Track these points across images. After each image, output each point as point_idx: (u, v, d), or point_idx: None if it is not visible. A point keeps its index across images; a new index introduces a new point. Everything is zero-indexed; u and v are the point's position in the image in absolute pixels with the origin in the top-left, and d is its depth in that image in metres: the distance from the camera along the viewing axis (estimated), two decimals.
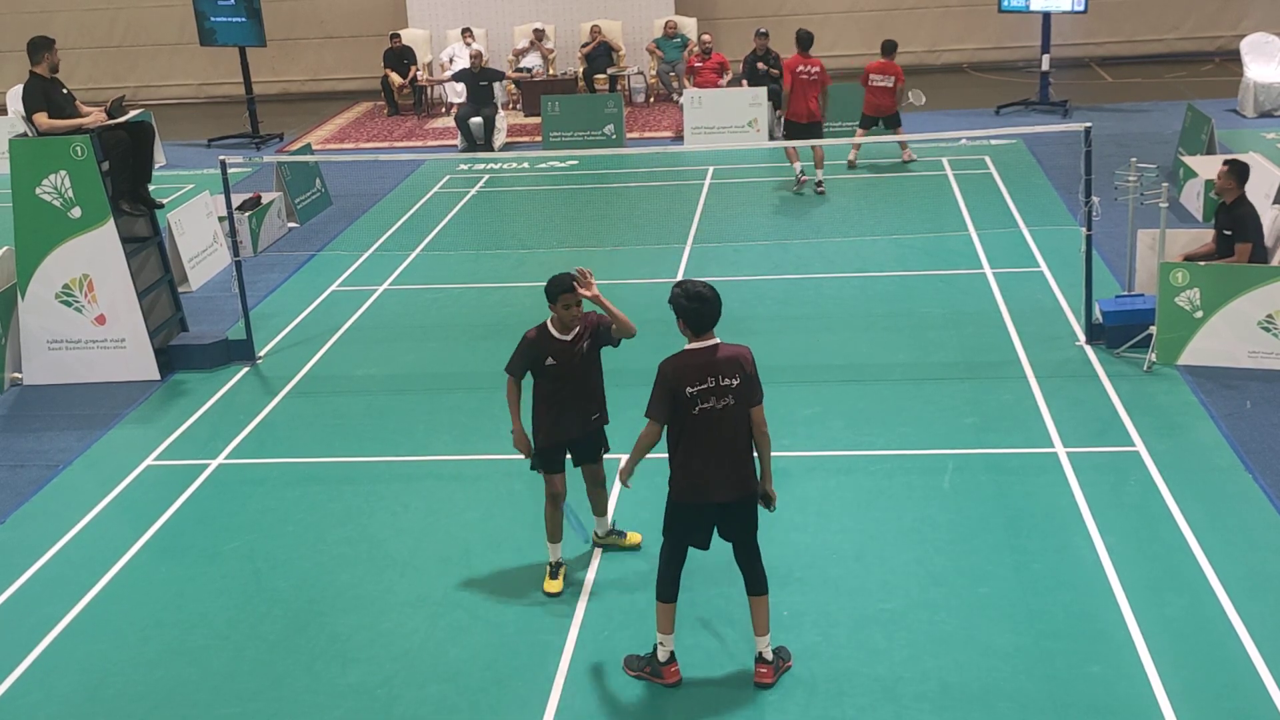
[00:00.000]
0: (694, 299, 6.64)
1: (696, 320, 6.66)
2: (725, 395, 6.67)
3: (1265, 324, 10.49)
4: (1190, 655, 6.99)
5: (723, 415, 6.69)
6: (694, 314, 6.65)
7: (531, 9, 24.76)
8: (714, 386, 6.66)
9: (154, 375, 11.79)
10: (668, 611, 6.96)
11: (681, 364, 6.67)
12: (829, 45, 25.57)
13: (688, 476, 6.80)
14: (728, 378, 6.67)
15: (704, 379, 6.64)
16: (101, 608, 8.14)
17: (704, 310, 6.64)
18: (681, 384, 6.64)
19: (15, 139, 11.58)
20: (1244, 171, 11.14)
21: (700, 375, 6.64)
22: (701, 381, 6.64)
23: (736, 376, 6.70)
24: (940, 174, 17.55)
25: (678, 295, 6.70)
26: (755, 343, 11.75)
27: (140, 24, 26.77)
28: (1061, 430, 9.73)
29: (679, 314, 6.70)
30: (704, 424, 6.68)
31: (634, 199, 17.46)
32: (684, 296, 6.67)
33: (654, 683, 7.01)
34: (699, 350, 6.69)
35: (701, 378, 6.64)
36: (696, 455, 6.75)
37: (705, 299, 6.64)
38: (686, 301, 6.65)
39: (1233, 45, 22.49)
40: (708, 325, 6.69)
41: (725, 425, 6.71)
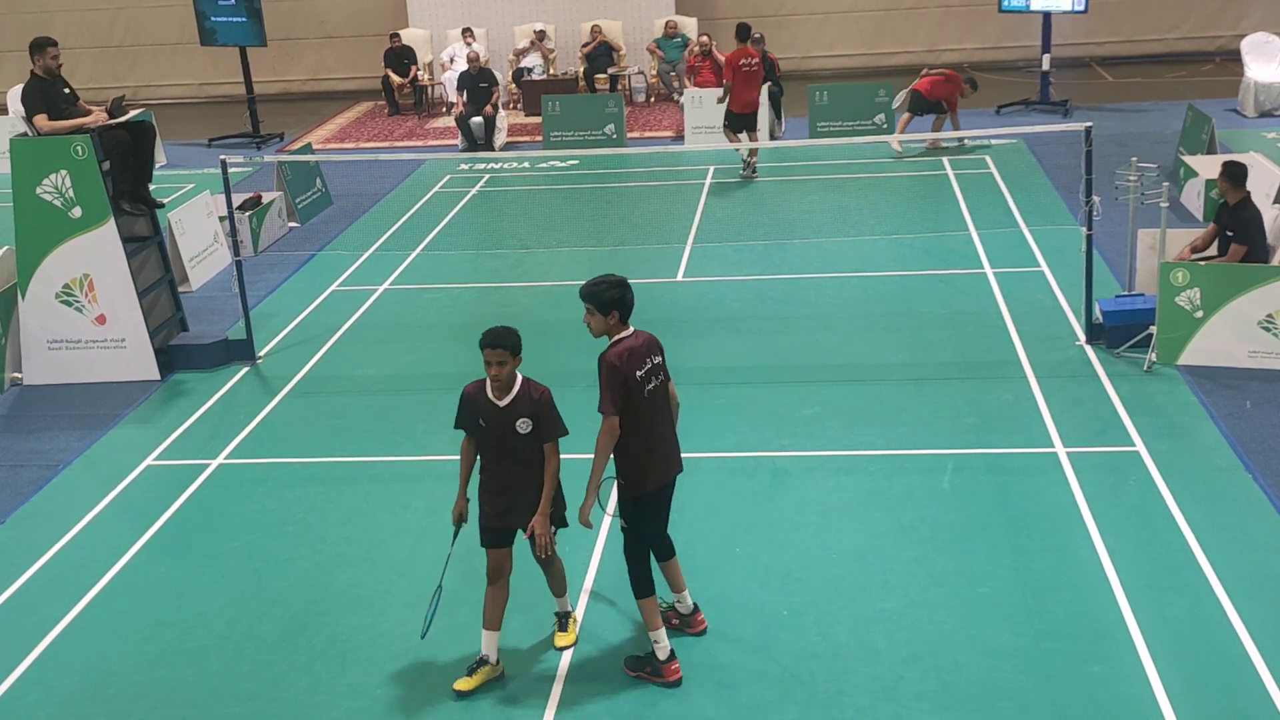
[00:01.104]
0: (621, 287, 6.91)
1: (629, 307, 6.91)
2: (658, 373, 7.00)
3: (1265, 324, 10.48)
4: (1190, 655, 6.99)
5: (660, 393, 7.02)
6: (626, 302, 6.90)
7: (531, 9, 24.76)
8: (652, 366, 6.96)
9: (154, 375, 11.79)
10: (652, 605, 7.05)
11: (624, 352, 6.86)
12: (829, 45, 25.61)
13: (651, 464, 6.98)
14: (657, 356, 7.03)
15: (644, 361, 6.90)
16: (101, 608, 8.14)
17: (631, 296, 6.92)
18: (631, 370, 6.83)
19: (16, 139, 11.58)
20: (1239, 173, 11.14)
21: (641, 359, 6.89)
22: (643, 364, 6.89)
23: (659, 354, 7.06)
24: (940, 174, 17.55)
25: (605, 289, 6.91)
26: (755, 343, 11.92)
27: (140, 24, 26.77)
28: (1061, 430, 9.73)
29: (611, 305, 6.89)
30: (651, 405, 6.93)
31: (634, 199, 17.46)
32: (614, 288, 6.92)
33: (655, 683, 7.02)
34: (631, 336, 6.95)
35: (642, 361, 6.89)
36: (653, 438, 6.98)
37: (628, 286, 6.93)
38: (617, 291, 6.90)
39: (1233, 45, 22.49)
40: (631, 313, 6.94)
41: (664, 403, 7.07)
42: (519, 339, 6.85)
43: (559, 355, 11.76)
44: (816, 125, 19.93)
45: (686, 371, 11.31)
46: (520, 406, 6.85)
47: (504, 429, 6.84)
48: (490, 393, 6.88)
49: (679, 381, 10.97)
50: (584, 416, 10.48)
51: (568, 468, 9.64)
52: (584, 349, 11.97)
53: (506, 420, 6.82)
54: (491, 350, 6.79)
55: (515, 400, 6.86)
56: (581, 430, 10.27)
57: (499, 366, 6.78)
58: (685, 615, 7.45)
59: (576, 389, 11.03)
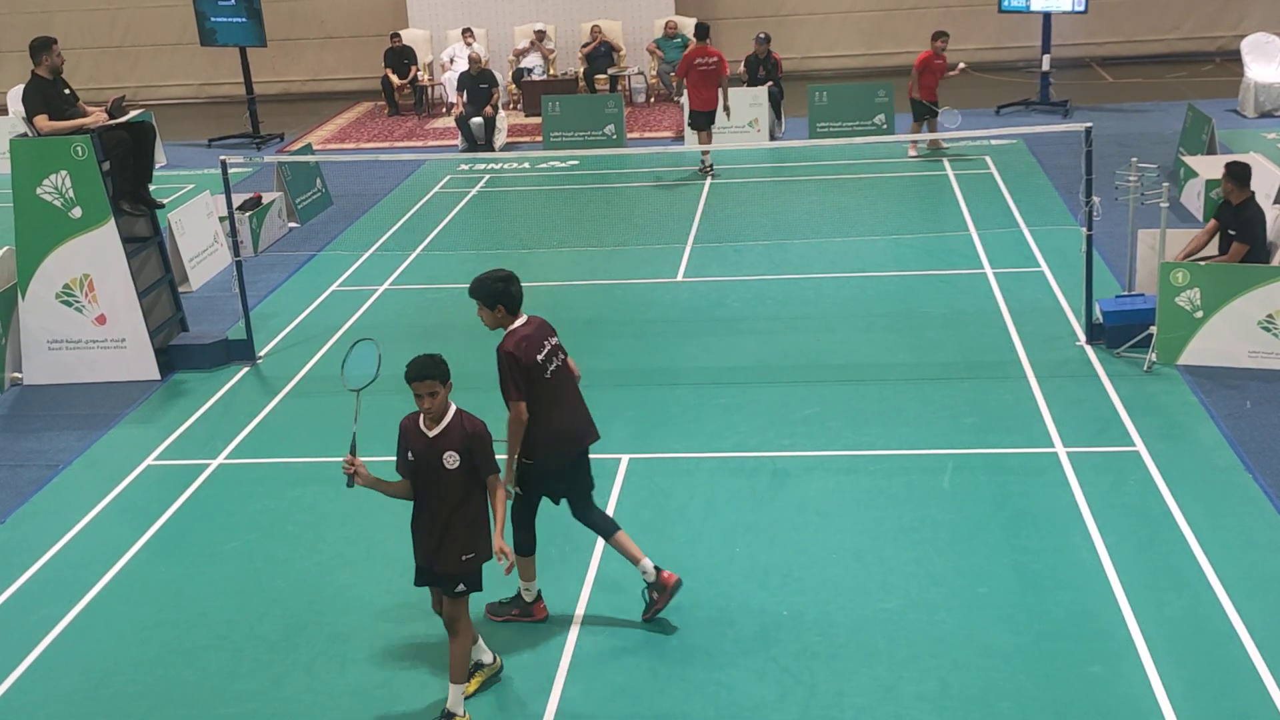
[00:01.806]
0: (505, 281, 7.18)
1: (516, 299, 7.21)
2: (557, 354, 7.38)
3: (1265, 324, 10.48)
4: (1190, 655, 6.99)
5: (562, 372, 7.40)
6: (516, 296, 7.21)
7: (531, 9, 24.76)
8: (550, 349, 7.33)
9: (154, 375, 11.80)
10: (531, 562, 7.59)
11: (520, 341, 7.16)
12: (829, 45, 25.61)
13: (558, 439, 7.32)
14: (552, 338, 7.40)
15: (541, 345, 7.25)
16: (101, 608, 8.14)
17: (518, 289, 7.22)
18: (530, 356, 7.16)
19: (16, 139, 11.58)
20: (1244, 173, 11.14)
21: (538, 344, 7.23)
22: (541, 348, 7.24)
23: (553, 336, 7.42)
24: (940, 174, 17.56)
25: (490, 284, 7.17)
26: (755, 343, 11.93)
27: (140, 24, 26.78)
28: (1061, 430, 9.73)
29: (502, 300, 7.17)
30: (556, 385, 7.31)
31: (634, 199, 17.46)
32: (504, 281, 7.18)
33: (525, 621, 7.53)
34: (525, 324, 7.26)
35: (540, 345, 7.24)
36: (562, 414, 7.33)
37: (515, 279, 7.25)
38: (501, 285, 7.17)
39: (1233, 45, 22.49)
40: (521, 303, 7.26)
41: (567, 379, 7.45)
42: (446, 367, 6.58)
43: None
44: (816, 125, 19.93)
45: (686, 371, 11.33)
46: (450, 438, 6.54)
47: (431, 461, 6.55)
48: (422, 423, 6.64)
49: (679, 383, 11.09)
50: None
51: None
52: (584, 349, 12.00)
53: (435, 452, 6.53)
54: (419, 383, 6.50)
55: (445, 431, 6.57)
56: None
57: (430, 398, 6.50)
58: (653, 581, 7.53)
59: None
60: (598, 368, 11.50)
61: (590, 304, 13.16)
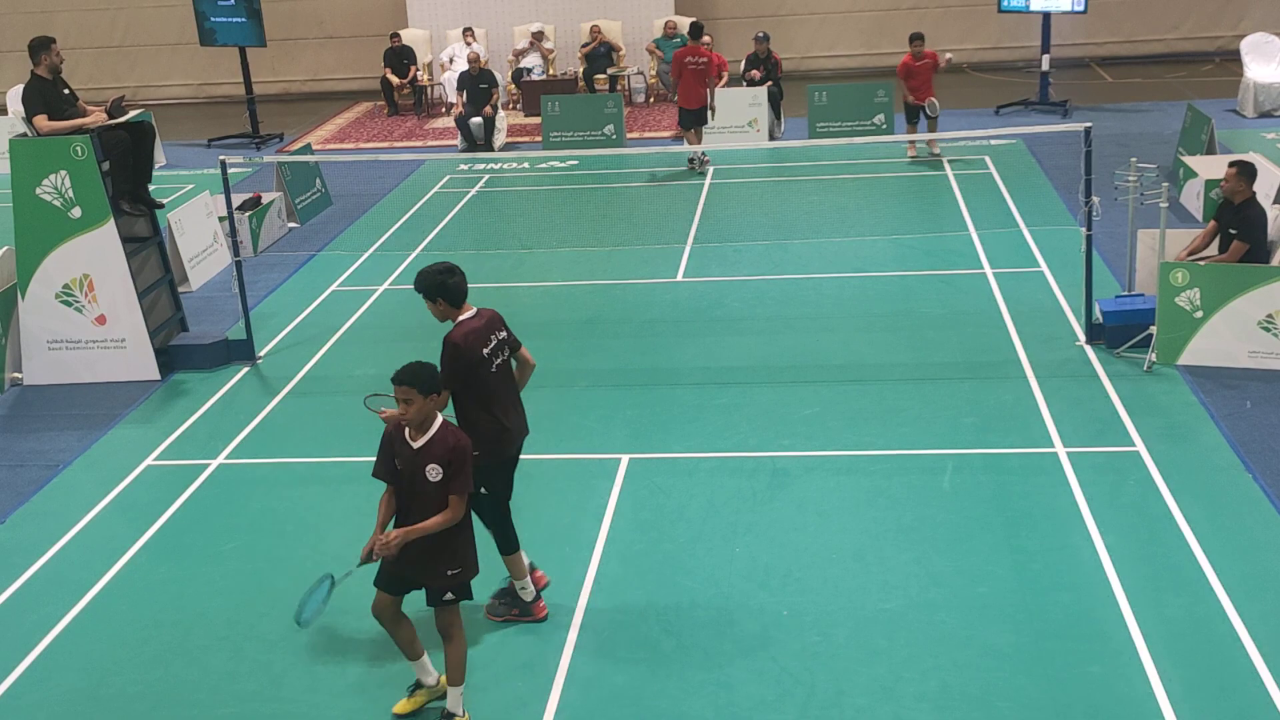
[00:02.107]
0: (451, 273, 7.24)
1: (459, 293, 7.26)
2: (504, 349, 7.42)
3: (1265, 324, 10.49)
4: (1190, 655, 6.99)
5: (505, 366, 7.44)
6: (456, 288, 7.24)
7: (531, 9, 24.76)
8: (497, 343, 7.36)
9: (154, 375, 11.80)
10: (521, 558, 7.60)
11: (467, 333, 7.21)
12: (829, 45, 25.62)
13: (505, 433, 7.39)
14: (501, 332, 7.43)
15: (488, 339, 7.29)
16: (101, 608, 8.14)
17: (462, 282, 7.26)
18: (475, 348, 7.19)
19: (15, 139, 11.58)
20: (1253, 172, 11.15)
21: (484, 337, 7.28)
22: (488, 342, 7.29)
23: (502, 330, 7.44)
24: (940, 174, 17.56)
25: (430, 277, 7.22)
26: (755, 343, 11.92)
27: (140, 24, 26.77)
28: (1061, 430, 9.73)
29: (440, 293, 7.22)
30: (499, 379, 7.35)
31: (634, 199, 17.47)
32: (442, 274, 7.22)
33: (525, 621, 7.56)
34: (472, 317, 7.31)
35: (486, 339, 7.28)
36: (505, 408, 7.40)
37: (458, 272, 7.28)
38: (443, 278, 7.21)
39: (1233, 45, 22.49)
40: (465, 296, 7.31)
41: (509, 375, 7.50)
42: (431, 377, 6.45)
43: (559, 355, 11.78)
44: (816, 125, 19.93)
45: (686, 371, 11.33)
46: (434, 450, 6.43)
47: (414, 473, 6.45)
48: (407, 434, 6.53)
49: (679, 383, 11.08)
50: (586, 415, 10.52)
51: (557, 465, 9.71)
52: (584, 349, 12.02)
53: (419, 463, 6.44)
54: (398, 387, 6.41)
55: (430, 443, 6.45)
56: (584, 430, 10.31)
57: (405, 405, 6.38)
58: (527, 601, 7.67)
59: (577, 388, 11.06)
60: (598, 368, 11.52)
61: (590, 304, 13.17)
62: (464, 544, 6.66)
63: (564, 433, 10.18)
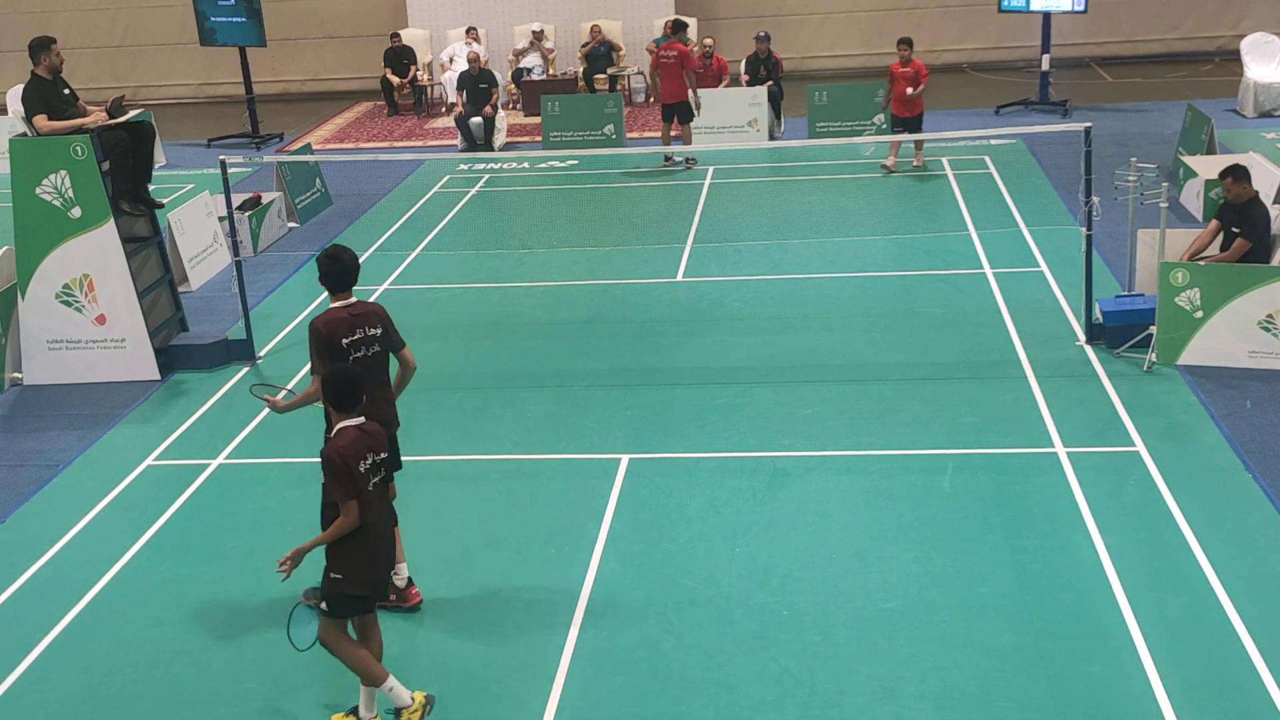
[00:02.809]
0: (336, 260, 7.48)
1: (336, 279, 7.47)
2: (372, 344, 7.50)
3: (1265, 324, 10.49)
4: (1190, 655, 6.99)
5: (370, 361, 7.49)
6: (332, 274, 7.47)
7: (531, 9, 24.76)
8: (364, 336, 7.47)
9: (154, 375, 11.79)
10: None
11: (330, 320, 7.43)
12: (829, 45, 25.62)
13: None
14: (374, 328, 7.51)
15: (353, 330, 7.43)
16: (101, 608, 8.14)
17: (339, 269, 7.47)
18: (335, 337, 7.37)
19: (15, 139, 11.58)
20: (1244, 173, 11.13)
21: (350, 327, 7.43)
22: (352, 333, 7.43)
23: (377, 326, 7.53)
24: (940, 174, 17.55)
25: (321, 259, 7.50)
26: (755, 343, 11.92)
27: (140, 24, 26.77)
28: (1061, 430, 9.73)
29: (321, 276, 7.51)
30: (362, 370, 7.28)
31: (634, 199, 17.47)
32: (328, 259, 7.48)
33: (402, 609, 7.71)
34: (343, 306, 7.49)
35: (351, 330, 7.43)
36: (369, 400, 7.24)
37: (340, 259, 7.48)
38: (326, 263, 7.48)
39: (1233, 45, 22.48)
40: (345, 284, 7.50)
41: (375, 368, 7.54)
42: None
43: (559, 355, 11.79)
44: (816, 125, 19.93)
45: (686, 371, 11.33)
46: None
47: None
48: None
49: (679, 383, 11.08)
50: (586, 415, 10.52)
51: (557, 465, 9.71)
52: (584, 349, 12.02)
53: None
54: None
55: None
56: (584, 430, 10.30)
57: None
58: (401, 588, 7.82)
59: (577, 388, 11.06)
60: (598, 368, 11.52)
61: (590, 304, 13.16)
62: (349, 551, 6.55)
63: (564, 433, 10.18)
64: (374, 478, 6.58)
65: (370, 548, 6.60)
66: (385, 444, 6.77)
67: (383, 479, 6.72)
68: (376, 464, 6.61)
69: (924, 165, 17.81)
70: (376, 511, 6.63)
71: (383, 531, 6.72)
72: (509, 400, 10.85)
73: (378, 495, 6.66)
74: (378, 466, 6.62)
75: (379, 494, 6.67)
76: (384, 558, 6.77)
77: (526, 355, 11.87)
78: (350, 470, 6.43)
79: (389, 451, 6.98)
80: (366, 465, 6.52)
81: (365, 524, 6.52)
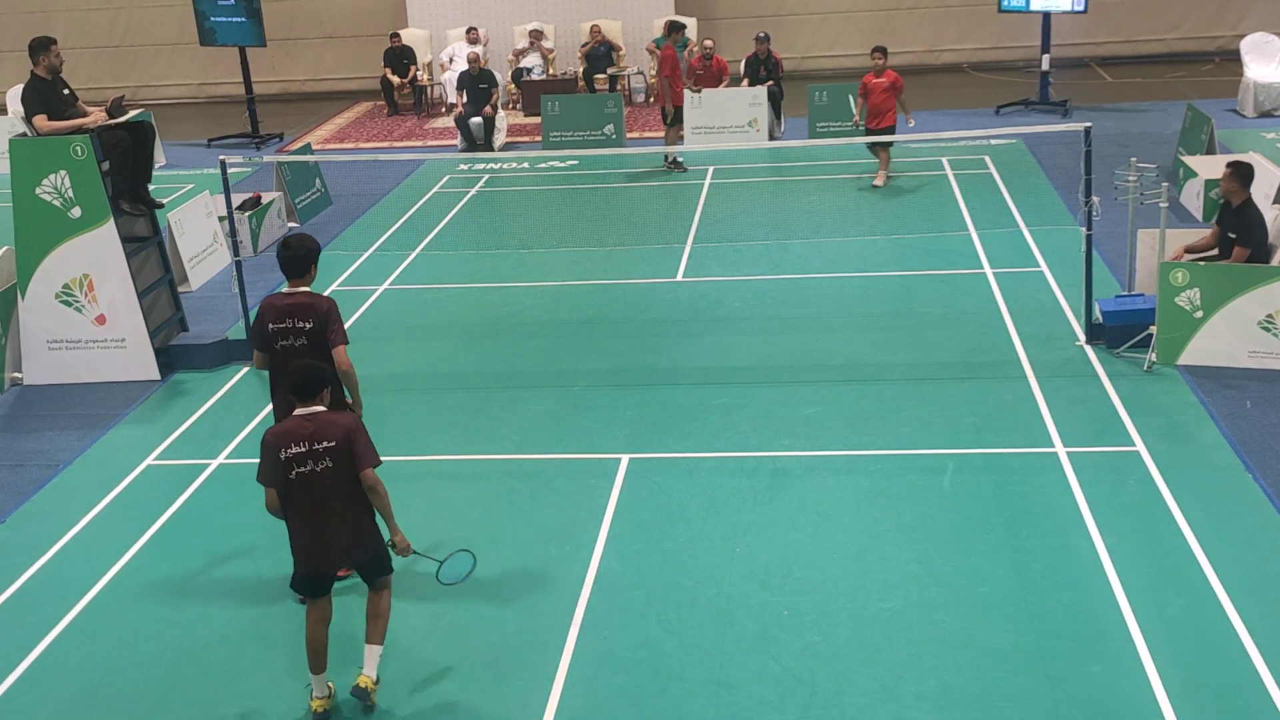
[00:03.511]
0: (283, 246, 7.89)
1: (283, 265, 7.86)
2: (299, 335, 7.79)
3: (1265, 324, 10.49)
4: (1190, 655, 6.99)
5: (292, 351, 7.77)
6: (281, 259, 7.87)
7: (531, 9, 24.76)
8: (291, 327, 7.79)
9: (154, 375, 11.80)
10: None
11: (268, 303, 7.90)
12: (829, 45, 25.61)
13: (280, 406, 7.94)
14: (302, 320, 7.78)
15: (283, 320, 7.81)
16: (101, 608, 8.14)
17: (284, 255, 7.84)
18: (264, 322, 7.85)
19: (15, 139, 11.58)
20: (1249, 173, 11.12)
21: (280, 315, 7.81)
22: (281, 321, 7.80)
23: (309, 320, 7.78)
24: (940, 174, 17.55)
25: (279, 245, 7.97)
26: (755, 343, 11.91)
27: (140, 24, 26.77)
28: (1061, 430, 9.73)
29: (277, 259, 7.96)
30: (282, 357, 7.80)
31: (634, 199, 17.46)
32: (280, 246, 7.90)
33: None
34: (284, 294, 7.90)
35: (281, 319, 7.81)
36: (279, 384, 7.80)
37: (288, 246, 7.86)
38: (281, 249, 7.88)
39: (1233, 45, 22.48)
40: (293, 271, 7.84)
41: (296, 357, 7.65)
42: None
43: (559, 355, 11.79)
44: (816, 125, 19.92)
45: (686, 371, 11.33)
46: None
47: None
48: None
49: (679, 383, 11.08)
50: (586, 415, 10.52)
51: (557, 465, 9.71)
52: (585, 349, 12.02)
53: None
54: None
55: None
56: (584, 430, 10.30)
57: None
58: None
59: (577, 388, 11.07)
60: (598, 368, 11.52)
61: (590, 304, 13.17)
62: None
63: (564, 433, 10.18)
64: (299, 468, 6.63)
65: (294, 539, 6.83)
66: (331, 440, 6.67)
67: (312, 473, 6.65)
68: (302, 455, 6.62)
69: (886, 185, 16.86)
70: (301, 503, 6.69)
71: (309, 527, 6.75)
72: (509, 400, 10.85)
73: (303, 487, 6.66)
74: (304, 459, 6.63)
75: (304, 486, 6.66)
76: (308, 555, 6.81)
77: (526, 355, 11.87)
78: (272, 454, 6.65)
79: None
80: (289, 454, 6.62)
81: (289, 513, 6.76)
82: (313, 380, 6.80)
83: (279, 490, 6.71)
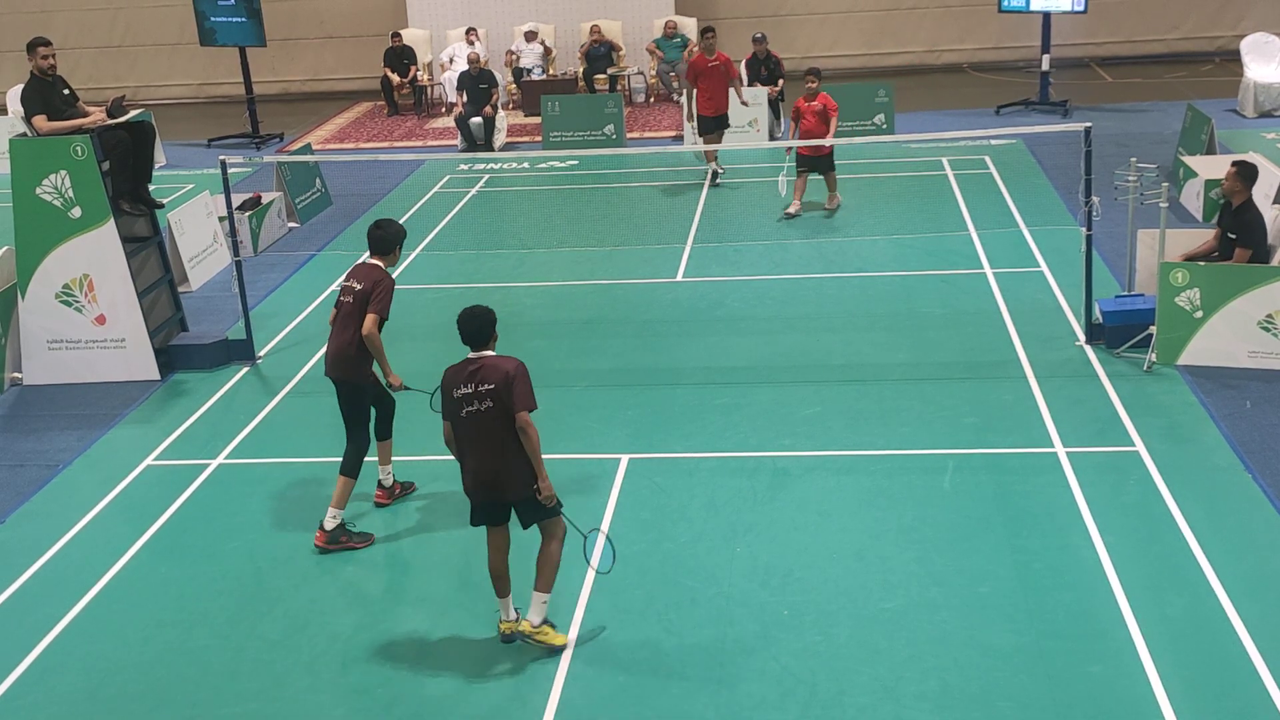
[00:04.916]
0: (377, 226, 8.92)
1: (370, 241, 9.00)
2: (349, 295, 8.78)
3: (1265, 324, 10.49)
4: (1190, 655, 6.99)
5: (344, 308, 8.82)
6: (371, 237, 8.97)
7: (531, 9, 24.76)
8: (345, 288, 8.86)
9: (154, 375, 11.80)
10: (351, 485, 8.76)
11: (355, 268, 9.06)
12: (829, 45, 25.60)
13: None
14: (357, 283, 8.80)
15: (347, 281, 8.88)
16: (101, 608, 8.14)
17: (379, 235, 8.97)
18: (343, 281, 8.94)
19: (15, 139, 11.58)
20: (1253, 174, 11.12)
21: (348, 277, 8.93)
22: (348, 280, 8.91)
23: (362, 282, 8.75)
24: (940, 174, 17.56)
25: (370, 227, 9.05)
26: (755, 343, 11.92)
27: (140, 24, 26.77)
28: (1061, 430, 9.73)
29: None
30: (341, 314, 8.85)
31: (634, 199, 17.46)
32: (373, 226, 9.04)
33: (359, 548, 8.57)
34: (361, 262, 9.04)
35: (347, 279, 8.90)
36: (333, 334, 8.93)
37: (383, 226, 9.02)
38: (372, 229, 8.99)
39: (1233, 45, 22.48)
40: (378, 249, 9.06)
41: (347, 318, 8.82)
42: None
43: (559, 355, 11.79)
44: None
45: (686, 371, 11.33)
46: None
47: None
48: None
49: (679, 383, 11.10)
50: (586, 415, 10.53)
51: (557, 465, 9.65)
52: (585, 349, 12.02)
53: None
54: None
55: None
56: (584, 430, 10.31)
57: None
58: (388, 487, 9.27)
59: (577, 388, 11.07)
60: (598, 368, 11.53)
61: (590, 304, 13.17)
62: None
63: (564, 433, 10.18)
64: (467, 406, 7.20)
65: (464, 472, 7.36)
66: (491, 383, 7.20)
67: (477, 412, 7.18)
68: (469, 396, 7.21)
69: (838, 208, 16.00)
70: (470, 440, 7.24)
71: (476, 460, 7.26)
72: None
73: (471, 424, 7.21)
74: (470, 399, 7.20)
75: (472, 423, 7.21)
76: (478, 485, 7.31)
77: (527, 355, 11.68)
78: (447, 391, 7.33)
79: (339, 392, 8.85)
80: (459, 393, 7.24)
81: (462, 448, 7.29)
82: (480, 327, 7.41)
83: (453, 425, 7.29)
